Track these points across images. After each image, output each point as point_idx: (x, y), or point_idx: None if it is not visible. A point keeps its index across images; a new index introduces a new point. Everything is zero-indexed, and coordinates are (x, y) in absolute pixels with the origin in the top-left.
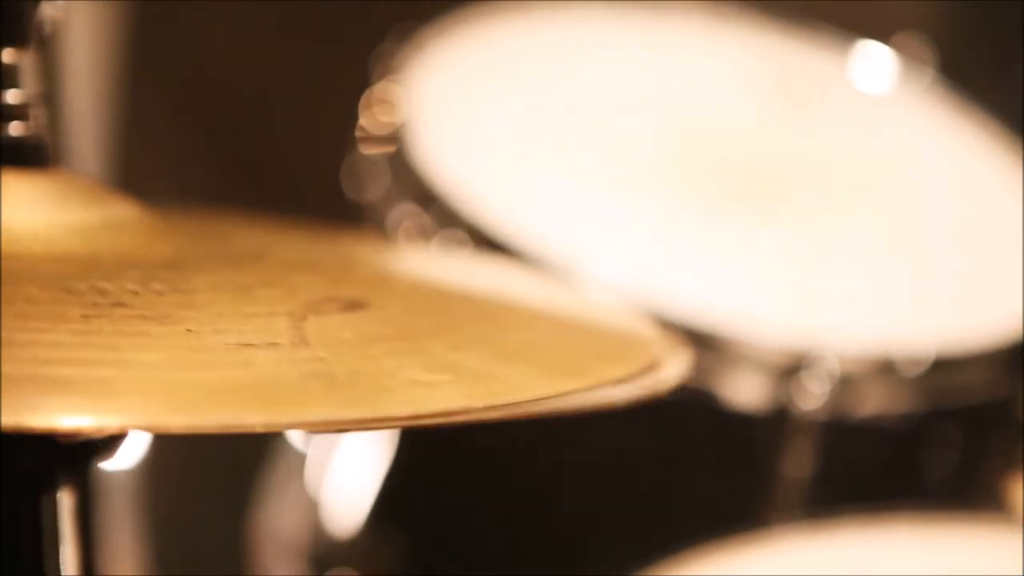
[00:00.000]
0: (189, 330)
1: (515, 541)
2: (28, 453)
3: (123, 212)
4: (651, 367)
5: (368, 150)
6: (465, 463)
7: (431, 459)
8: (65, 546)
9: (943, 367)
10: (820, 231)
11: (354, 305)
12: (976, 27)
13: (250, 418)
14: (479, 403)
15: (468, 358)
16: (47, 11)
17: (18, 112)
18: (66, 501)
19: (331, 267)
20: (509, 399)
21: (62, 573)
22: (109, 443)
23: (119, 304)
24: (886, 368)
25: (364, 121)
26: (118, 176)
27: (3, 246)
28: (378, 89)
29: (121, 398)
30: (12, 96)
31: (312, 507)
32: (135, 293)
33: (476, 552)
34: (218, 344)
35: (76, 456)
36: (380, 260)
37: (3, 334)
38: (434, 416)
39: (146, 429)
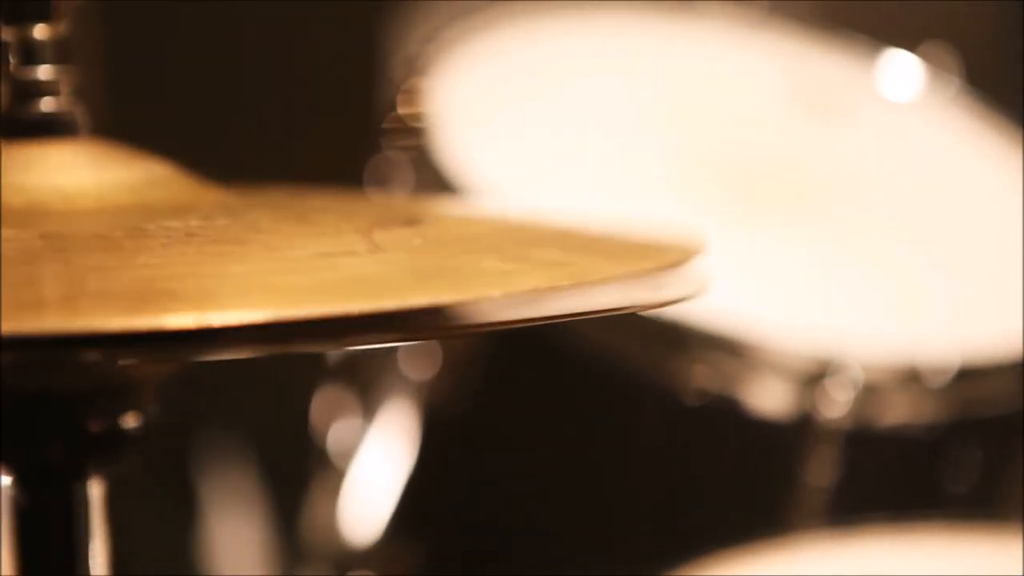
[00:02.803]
0: (268, 248)
1: (537, 546)
2: (56, 444)
3: (161, 170)
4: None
5: (393, 150)
6: (485, 468)
7: (451, 464)
8: (94, 538)
9: (968, 377)
10: (846, 238)
11: (412, 221)
12: (1003, 36)
13: (355, 307)
14: (565, 283)
15: (538, 252)
16: None
17: (50, 87)
18: (95, 493)
19: (370, 205)
20: (592, 279)
21: (90, 565)
22: (136, 434)
23: (191, 235)
24: (911, 377)
25: (389, 121)
26: None
27: (57, 204)
28: (404, 89)
29: (230, 300)
30: (44, 72)
31: (332, 511)
32: (202, 227)
33: (496, 557)
34: (300, 255)
35: (104, 448)
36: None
37: (91, 266)
38: (526, 295)
39: (262, 326)
